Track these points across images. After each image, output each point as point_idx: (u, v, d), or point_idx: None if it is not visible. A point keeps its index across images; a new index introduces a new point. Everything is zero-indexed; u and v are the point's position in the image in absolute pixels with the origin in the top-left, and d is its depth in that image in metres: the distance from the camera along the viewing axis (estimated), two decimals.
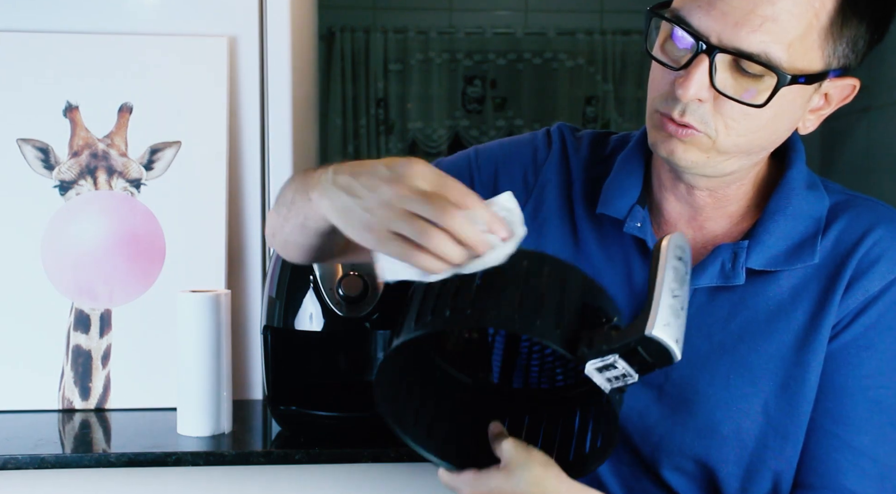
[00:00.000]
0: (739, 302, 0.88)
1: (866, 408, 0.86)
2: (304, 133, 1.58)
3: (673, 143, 0.84)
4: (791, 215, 0.88)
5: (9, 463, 1.16)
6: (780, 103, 0.80)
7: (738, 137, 0.83)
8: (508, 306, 0.74)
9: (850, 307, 0.86)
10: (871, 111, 3.35)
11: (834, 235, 0.88)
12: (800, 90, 0.82)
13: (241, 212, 1.49)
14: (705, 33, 0.79)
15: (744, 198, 0.92)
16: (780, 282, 0.88)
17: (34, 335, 1.40)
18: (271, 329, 1.27)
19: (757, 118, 0.81)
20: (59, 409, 1.40)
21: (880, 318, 0.85)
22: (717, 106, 0.81)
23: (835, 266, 0.87)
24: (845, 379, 0.86)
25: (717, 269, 0.88)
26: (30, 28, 1.46)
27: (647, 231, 0.92)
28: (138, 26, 1.47)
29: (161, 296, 1.42)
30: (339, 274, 1.22)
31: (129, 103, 1.45)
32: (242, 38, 1.49)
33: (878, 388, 0.86)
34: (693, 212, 0.93)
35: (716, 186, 0.90)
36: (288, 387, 1.29)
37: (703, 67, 0.79)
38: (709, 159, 0.84)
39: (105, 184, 1.43)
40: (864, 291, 0.86)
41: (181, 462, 1.18)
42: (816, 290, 0.87)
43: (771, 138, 0.86)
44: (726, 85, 0.80)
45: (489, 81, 4.34)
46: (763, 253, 0.87)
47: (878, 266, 0.86)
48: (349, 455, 1.21)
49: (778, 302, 0.88)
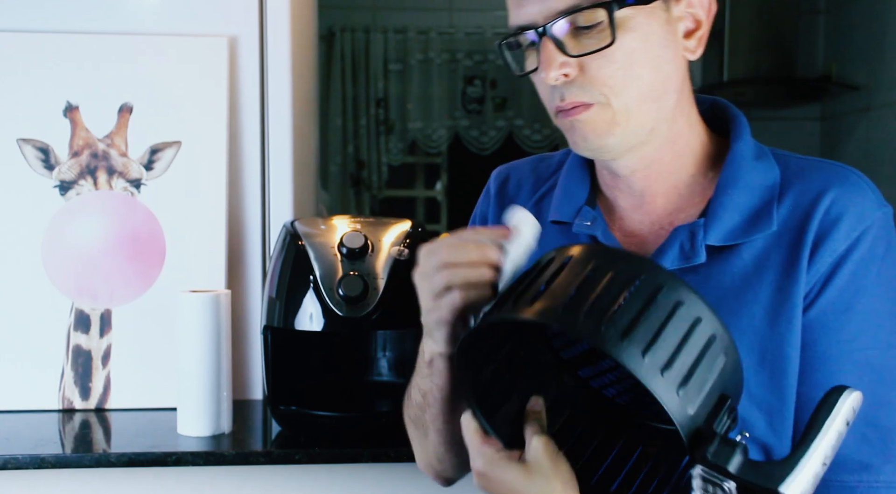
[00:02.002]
0: (704, 281, 0.86)
1: (855, 373, 0.82)
2: (304, 133, 1.58)
3: (577, 130, 0.86)
4: (743, 187, 0.87)
5: (9, 463, 1.16)
6: (635, 36, 0.82)
7: (623, 87, 0.84)
8: (662, 361, 0.68)
9: (819, 271, 0.83)
10: (871, 111, 3.35)
11: (789, 201, 0.86)
12: (645, 15, 0.83)
13: (241, 212, 1.49)
14: (531, 22, 0.83)
15: (684, 170, 0.92)
16: (741, 255, 0.86)
17: (34, 335, 1.40)
18: (271, 329, 1.27)
19: (623, 59, 0.82)
20: (59, 409, 1.40)
21: (853, 278, 0.83)
22: (585, 72, 0.83)
23: (796, 231, 0.85)
24: (828, 345, 0.83)
25: (677, 251, 0.87)
26: (30, 28, 1.46)
27: (597, 228, 0.92)
28: (138, 26, 1.47)
29: (161, 296, 1.42)
30: (339, 273, 1.22)
31: (130, 103, 1.45)
32: (242, 38, 1.49)
33: (864, 350, 0.83)
34: (639, 198, 0.93)
35: (647, 161, 0.90)
36: (288, 387, 1.29)
37: (548, 46, 0.82)
38: (615, 126, 0.85)
39: (105, 184, 1.43)
40: (832, 252, 0.83)
41: (181, 462, 1.18)
42: (780, 259, 0.85)
43: (657, 76, 0.85)
44: (575, 47, 0.82)
45: (489, 81, 4.35)
46: (720, 228, 0.86)
47: (841, 224, 0.83)
48: (349, 455, 1.21)
49: (742, 275, 0.86)
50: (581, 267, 0.73)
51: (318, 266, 1.23)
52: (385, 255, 1.24)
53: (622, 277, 0.71)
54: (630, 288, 0.70)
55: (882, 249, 0.83)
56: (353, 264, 1.22)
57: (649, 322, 0.69)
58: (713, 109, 0.96)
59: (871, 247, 0.83)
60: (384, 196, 4.28)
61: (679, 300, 0.70)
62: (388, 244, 1.25)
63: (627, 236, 0.94)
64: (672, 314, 0.69)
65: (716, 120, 0.95)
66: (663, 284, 0.71)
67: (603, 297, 0.70)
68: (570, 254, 0.75)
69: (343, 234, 1.24)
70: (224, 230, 1.45)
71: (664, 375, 0.67)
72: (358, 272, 1.22)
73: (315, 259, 1.23)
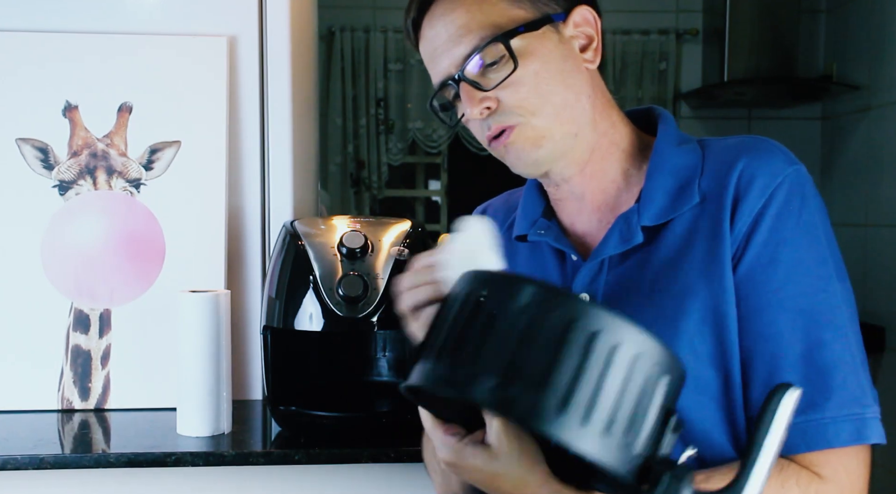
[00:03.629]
0: (645, 259, 0.94)
1: (789, 320, 0.87)
2: (304, 133, 1.58)
3: (510, 151, 0.96)
4: (669, 171, 0.96)
5: (8, 464, 1.16)
6: (535, 59, 0.93)
7: (539, 105, 0.94)
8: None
9: (741, 231, 0.90)
10: (871, 111, 3.34)
11: (709, 174, 0.94)
12: (538, 40, 0.94)
13: (241, 212, 1.49)
14: (446, 75, 0.96)
15: (616, 165, 1.01)
16: (674, 230, 0.94)
17: (34, 335, 1.40)
18: (271, 329, 1.26)
19: (531, 81, 0.93)
20: (58, 409, 1.40)
21: (773, 232, 0.89)
22: (503, 102, 0.94)
23: (717, 199, 0.92)
24: (759, 297, 0.89)
25: (617, 236, 0.95)
26: (30, 28, 1.46)
27: (550, 235, 1.02)
28: (138, 26, 1.47)
29: (161, 296, 1.42)
30: (339, 273, 1.22)
31: (129, 103, 1.45)
32: (242, 38, 1.49)
33: (794, 297, 0.88)
34: (581, 200, 1.02)
35: (579, 165, 0.99)
36: (288, 387, 1.29)
37: (466, 88, 0.94)
38: (542, 139, 0.95)
39: (105, 184, 1.43)
40: (750, 211, 0.90)
41: (181, 463, 1.18)
42: (707, 225, 0.92)
43: (566, 89, 0.95)
44: (488, 82, 0.94)
45: None
46: (651, 209, 0.94)
47: (755, 185, 0.90)
48: (349, 455, 1.21)
49: (677, 246, 0.93)
50: (470, 307, 0.69)
51: (318, 266, 1.23)
52: (385, 255, 1.24)
53: (526, 322, 0.66)
54: (539, 334, 0.65)
55: (797, 202, 0.90)
56: (353, 264, 1.22)
57: (560, 375, 0.63)
58: (647, 115, 1.06)
59: (787, 201, 0.89)
60: (384, 196, 4.28)
61: (593, 331, 0.64)
62: (388, 244, 1.25)
63: (580, 237, 1.03)
64: (587, 353, 0.64)
65: (650, 125, 1.04)
66: (574, 318, 0.65)
67: (501, 352, 0.65)
68: (465, 294, 0.71)
69: (343, 234, 1.24)
70: (224, 230, 1.45)
71: (585, 427, 0.62)
72: (358, 272, 1.21)
73: (315, 259, 1.23)
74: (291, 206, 1.50)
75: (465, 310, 0.71)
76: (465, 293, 0.73)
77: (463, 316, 0.70)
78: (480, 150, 4.33)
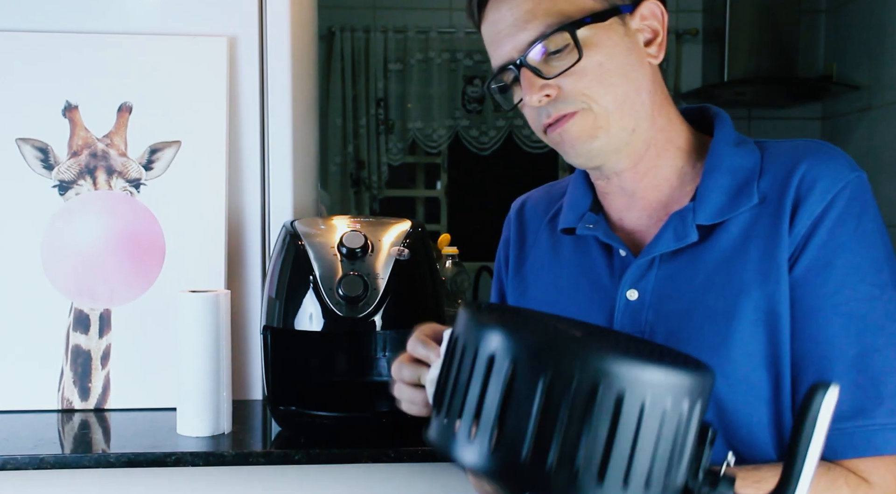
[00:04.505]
0: (699, 258, 0.94)
1: (841, 324, 0.88)
2: (304, 133, 1.58)
3: (565, 139, 0.95)
4: (726, 170, 0.95)
5: (8, 464, 1.16)
6: (600, 50, 0.92)
7: (600, 96, 0.93)
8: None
9: (800, 232, 0.90)
10: (871, 111, 3.35)
11: (769, 176, 0.94)
12: (605, 31, 0.92)
13: (241, 212, 1.49)
14: (508, 60, 0.94)
15: (671, 163, 1.00)
16: (729, 230, 0.94)
17: (33, 335, 1.40)
18: (271, 329, 1.26)
19: (594, 71, 0.92)
20: (58, 409, 1.40)
21: (831, 236, 0.89)
22: (564, 90, 0.93)
23: (776, 201, 0.92)
24: (814, 300, 0.89)
25: (671, 234, 0.95)
26: (30, 28, 1.46)
27: (599, 230, 1.01)
28: (138, 26, 1.47)
29: (161, 296, 1.42)
30: (339, 273, 1.22)
31: (129, 103, 1.45)
32: (242, 38, 1.49)
33: (848, 302, 0.88)
34: (632, 198, 1.01)
35: (633, 160, 0.98)
36: (288, 387, 1.29)
37: (527, 74, 0.93)
38: (599, 129, 0.94)
39: (104, 183, 1.43)
40: (810, 214, 0.90)
41: (181, 463, 1.18)
42: (765, 226, 0.92)
43: (628, 82, 0.94)
44: (550, 70, 0.92)
45: None
46: (708, 208, 0.94)
47: (816, 188, 0.90)
48: (349, 456, 1.20)
49: (732, 246, 0.93)
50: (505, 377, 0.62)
51: (318, 266, 1.23)
52: (385, 255, 1.24)
53: (560, 394, 0.60)
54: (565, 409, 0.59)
55: (858, 208, 0.90)
56: (353, 264, 1.22)
57: (593, 447, 0.59)
58: (701, 114, 1.05)
59: (847, 207, 0.90)
60: (384, 196, 4.28)
61: (621, 389, 0.59)
62: (388, 244, 1.25)
63: (628, 232, 1.01)
64: (617, 415, 0.59)
65: (704, 123, 1.04)
66: (599, 378, 0.59)
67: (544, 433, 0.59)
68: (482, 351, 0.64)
69: (343, 234, 1.24)
70: (224, 230, 1.45)
71: (626, 490, 0.60)
72: (358, 272, 1.21)
73: (315, 259, 1.23)
74: (291, 206, 1.50)
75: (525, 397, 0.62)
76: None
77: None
78: (480, 150, 4.34)
